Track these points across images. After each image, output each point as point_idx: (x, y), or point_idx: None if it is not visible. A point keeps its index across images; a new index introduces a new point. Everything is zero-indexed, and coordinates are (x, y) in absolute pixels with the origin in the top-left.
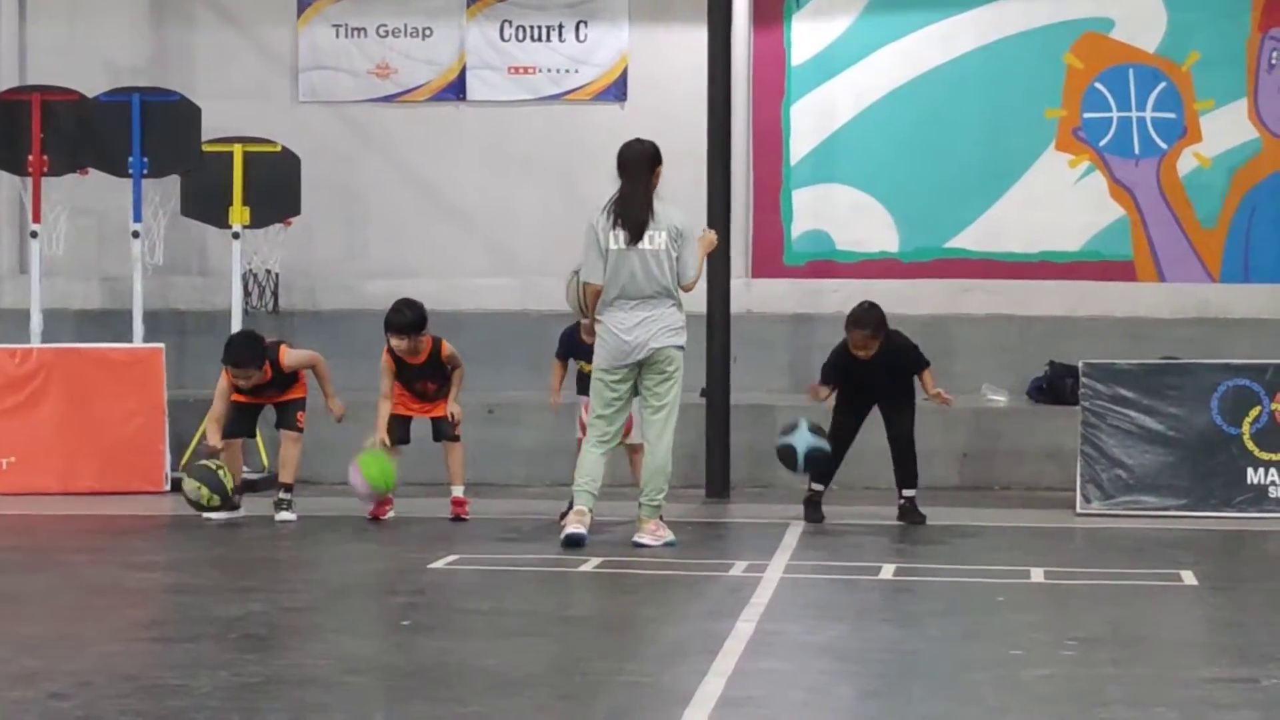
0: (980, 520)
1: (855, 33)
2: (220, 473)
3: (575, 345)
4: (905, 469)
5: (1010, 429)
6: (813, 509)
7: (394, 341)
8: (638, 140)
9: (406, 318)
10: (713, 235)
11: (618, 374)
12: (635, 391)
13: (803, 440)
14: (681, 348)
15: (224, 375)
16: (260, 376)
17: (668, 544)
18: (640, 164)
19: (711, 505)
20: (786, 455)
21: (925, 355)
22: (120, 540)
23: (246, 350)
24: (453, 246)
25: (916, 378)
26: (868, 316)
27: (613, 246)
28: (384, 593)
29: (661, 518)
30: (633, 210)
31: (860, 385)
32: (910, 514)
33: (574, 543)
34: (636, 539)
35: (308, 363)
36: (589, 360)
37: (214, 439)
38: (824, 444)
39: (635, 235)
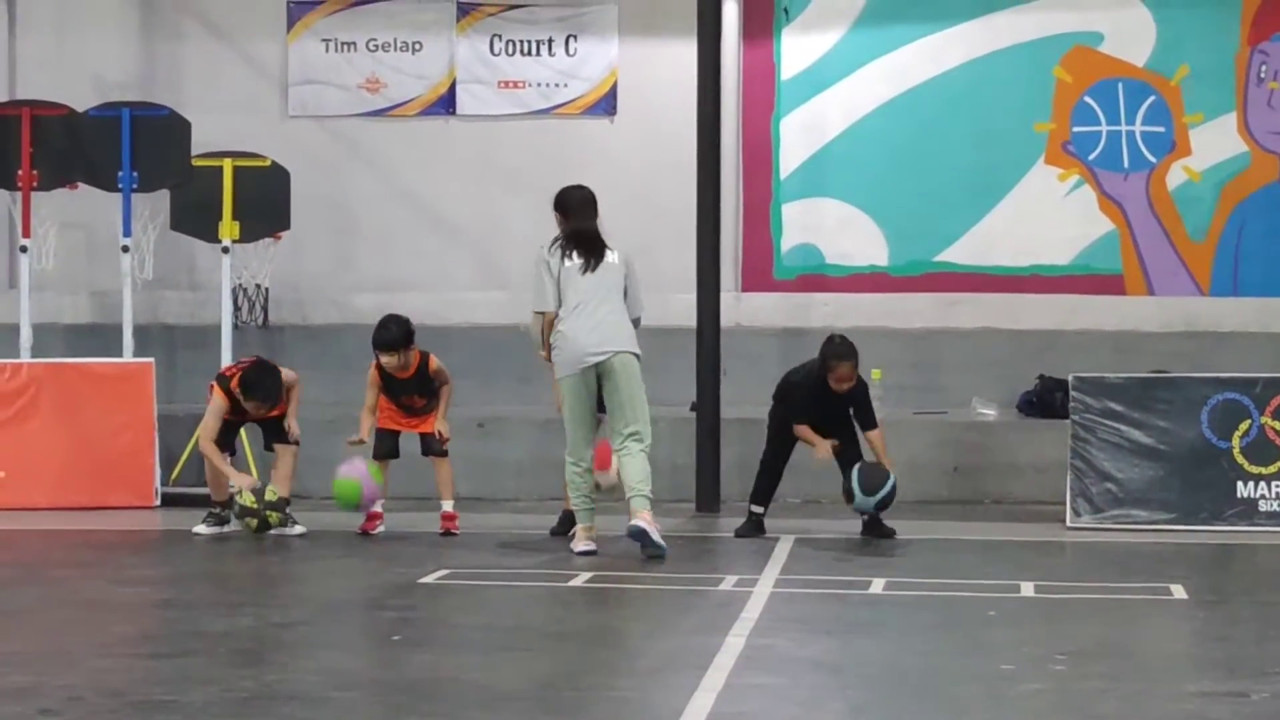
0: (970, 534)
1: (845, 47)
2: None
3: None
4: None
5: (1000, 443)
6: (753, 527)
7: (383, 359)
8: (577, 185)
9: (393, 333)
10: None
11: (581, 377)
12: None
13: (865, 504)
14: (637, 355)
15: (220, 395)
16: (262, 413)
17: (661, 535)
18: (587, 205)
19: (701, 519)
20: (859, 511)
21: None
22: (110, 555)
23: (270, 386)
24: (442, 260)
25: (859, 427)
26: (847, 349)
27: (567, 265)
28: (374, 607)
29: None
30: (588, 240)
31: (826, 414)
32: (876, 527)
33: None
34: (636, 523)
35: (292, 382)
36: None
37: (238, 478)
38: (878, 496)
39: (593, 259)
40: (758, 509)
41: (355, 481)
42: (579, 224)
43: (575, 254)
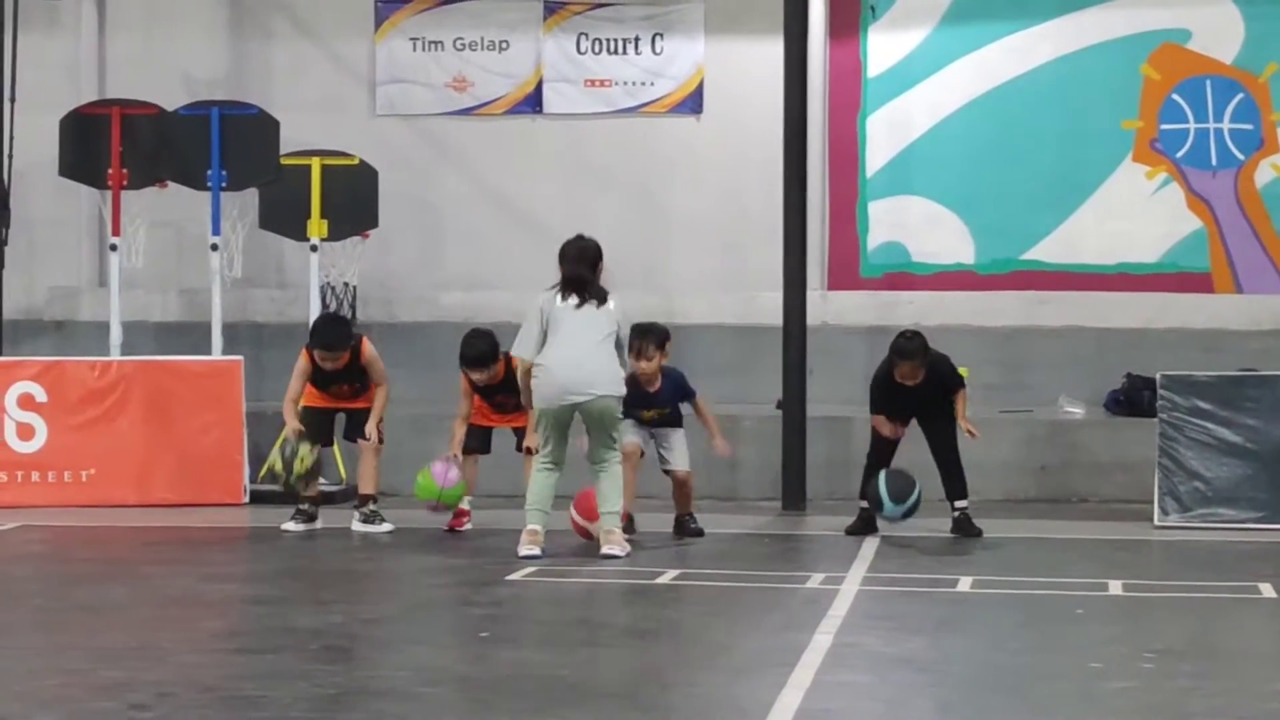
0: (1057, 533)
1: (931, 44)
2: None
3: (637, 396)
4: (954, 482)
5: (1087, 441)
6: (863, 524)
7: (473, 375)
8: (578, 236)
9: (479, 349)
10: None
11: (555, 413)
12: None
13: (893, 512)
14: (620, 397)
15: (304, 356)
16: (339, 361)
17: (628, 555)
18: (584, 256)
19: (788, 517)
20: (887, 522)
21: (960, 377)
22: (198, 552)
23: (334, 331)
24: (528, 259)
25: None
26: (912, 347)
27: (559, 305)
28: (462, 604)
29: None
30: (580, 284)
31: (901, 406)
32: (965, 526)
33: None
34: (606, 551)
35: (379, 373)
36: (648, 408)
37: (293, 421)
38: (905, 504)
39: (585, 300)
40: (866, 505)
41: (435, 484)
42: (574, 270)
43: (570, 295)
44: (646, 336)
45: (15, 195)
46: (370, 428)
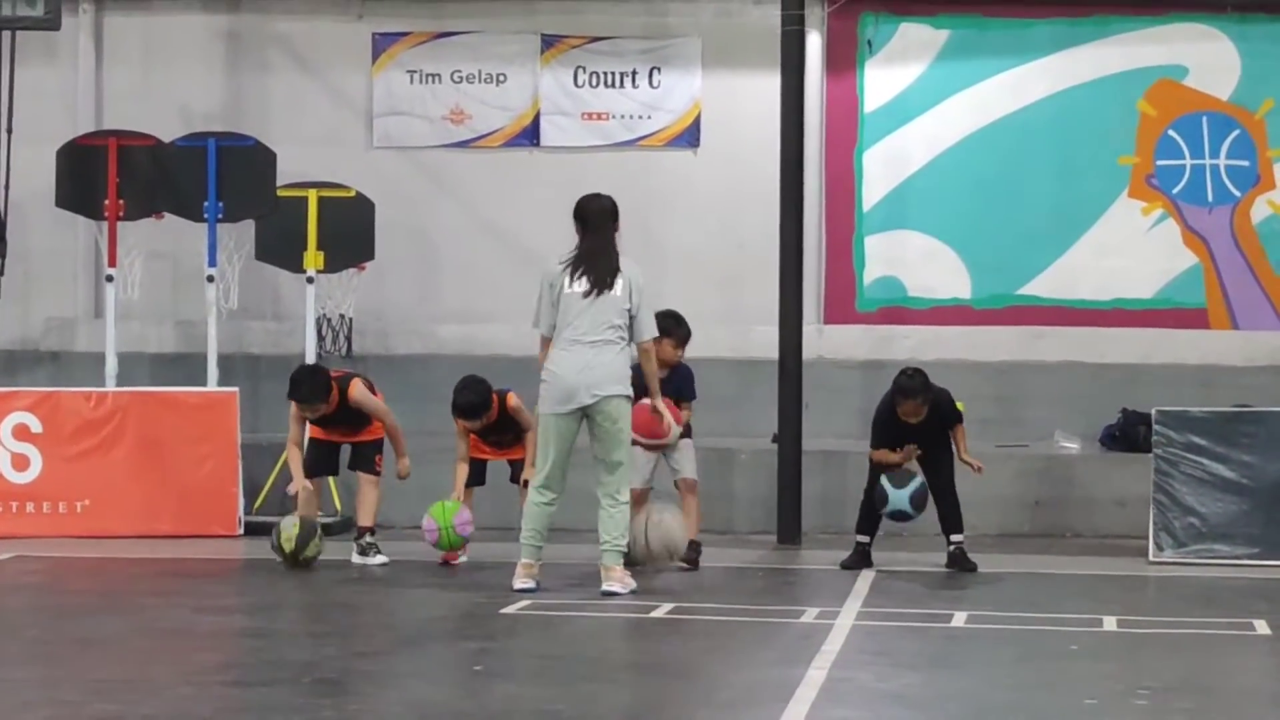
0: (1052, 568)
1: (928, 80)
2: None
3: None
4: (950, 516)
5: (1083, 476)
6: (859, 557)
7: (466, 424)
8: (595, 195)
9: (469, 400)
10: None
11: (566, 418)
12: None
13: (899, 499)
14: (628, 397)
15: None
16: (326, 408)
17: (632, 591)
18: (604, 218)
19: (783, 551)
20: (899, 518)
21: (959, 411)
22: (194, 583)
23: (309, 385)
24: (526, 292)
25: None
26: (915, 385)
27: (567, 290)
28: (456, 638)
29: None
30: (600, 263)
31: (903, 442)
32: (960, 561)
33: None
34: (606, 588)
35: (373, 410)
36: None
37: (298, 475)
38: (914, 484)
39: (599, 285)
40: (863, 539)
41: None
42: (592, 243)
43: (582, 279)
44: (682, 326)
45: (12, 226)
46: (401, 465)
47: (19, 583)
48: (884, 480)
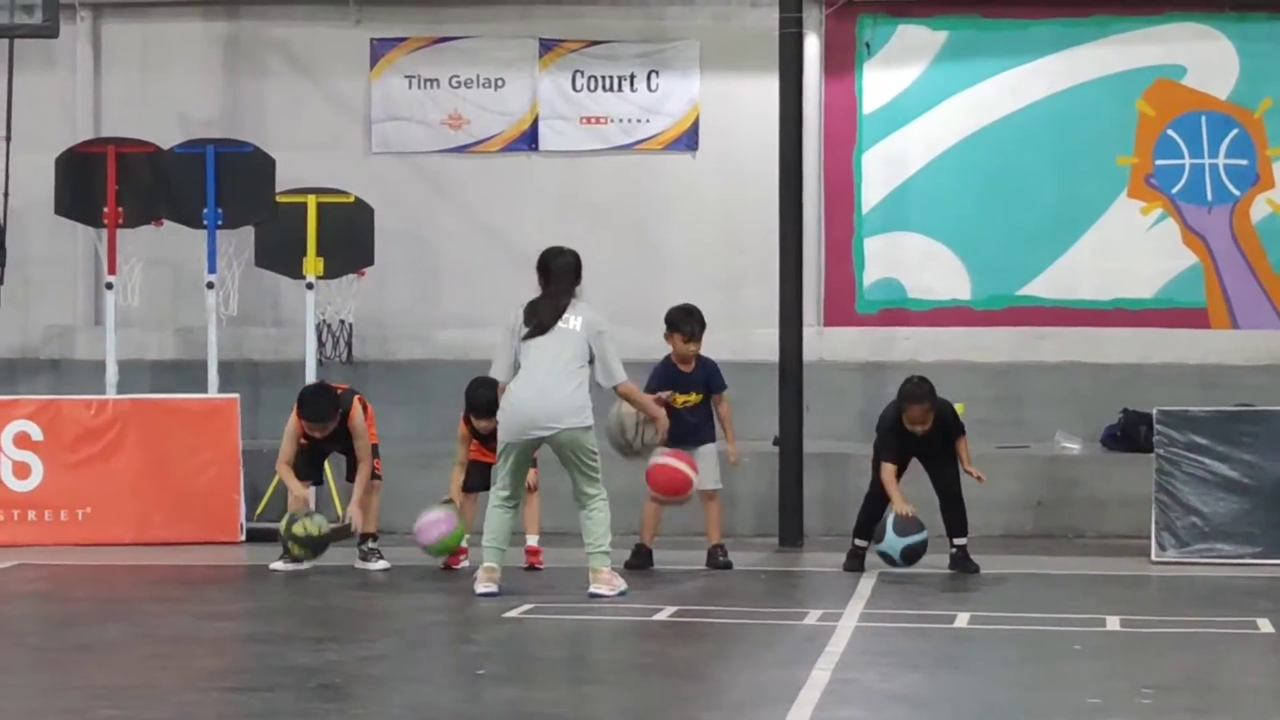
0: (1054, 568)
1: (926, 81)
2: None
3: (670, 375)
4: (954, 518)
5: (1084, 477)
6: (856, 560)
7: (481, 423)
8: (560, 250)
9: (488, 397)
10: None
11: (519, 447)
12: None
13: (892, 544)
14: (589, 428)
15: (294, 417)
16: (335, 425)
17: (621, 593)
18: (566, 273)
19: (785, 554)
20: (886, 560)
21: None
22: (195, 590)
23: (320, 403)
24: (525, 296)
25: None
26: (922, 391)
27: (524, 332)
28: (459, 641)
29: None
30: (555, 305)
31: (908, 452)
32: (963, 563)
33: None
34: (593, 590)
35: (365, 447)
36: (682, 390)
37: (295, 487)
38: (915, 538)
39: (552, 321)
40: (861, 543)
41: (452, 536)
42: (549, 292)
43: (533, 320)
44: (693, 318)
45: (11, 234)
46: (351, 510)
47: (22, 591)
48: (890, 520)
